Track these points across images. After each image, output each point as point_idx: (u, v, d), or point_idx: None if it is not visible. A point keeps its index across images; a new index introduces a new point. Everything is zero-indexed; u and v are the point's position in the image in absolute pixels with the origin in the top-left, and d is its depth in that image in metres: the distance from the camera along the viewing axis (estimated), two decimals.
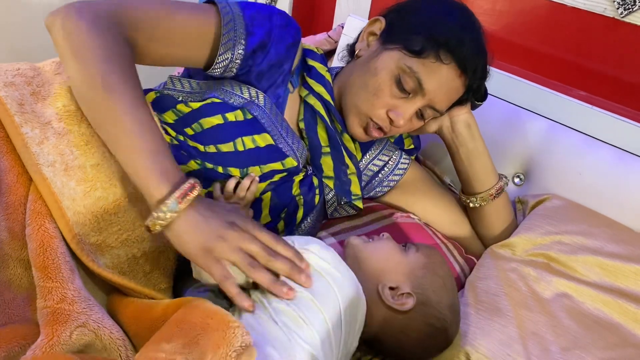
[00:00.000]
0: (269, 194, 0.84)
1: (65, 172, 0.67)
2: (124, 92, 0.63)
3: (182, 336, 0.54)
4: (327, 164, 0.90)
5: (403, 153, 1.04)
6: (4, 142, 0.67)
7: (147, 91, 0.87)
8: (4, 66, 0.75)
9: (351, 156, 0.93)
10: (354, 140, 0.94)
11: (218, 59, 0.78)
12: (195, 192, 0.61)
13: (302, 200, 0.89)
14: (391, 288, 0.70)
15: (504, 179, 0.97)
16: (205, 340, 0.53)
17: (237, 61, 0.79)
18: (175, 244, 0.62)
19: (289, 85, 0.88)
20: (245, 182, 0.80)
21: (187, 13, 0.75)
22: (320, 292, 0.61)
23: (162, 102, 0.84)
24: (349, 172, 0.93)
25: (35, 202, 0.65)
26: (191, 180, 0.62)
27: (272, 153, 0.84)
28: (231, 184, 0.79)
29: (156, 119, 0.80)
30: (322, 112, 0.87)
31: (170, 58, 0.78)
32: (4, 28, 1.50)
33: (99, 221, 0.68)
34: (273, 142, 0.83)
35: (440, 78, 0.81)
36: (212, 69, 0.79)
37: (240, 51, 0.78)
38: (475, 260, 0.97)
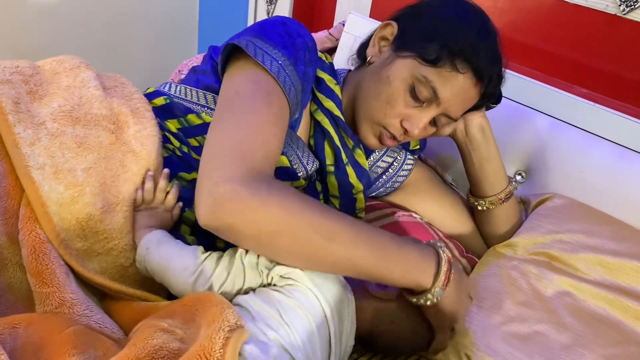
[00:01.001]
0: None
1: (54, 175, 0.65)
2: (351, 222, 0.64)
3: (183, 314, 0.57)
4: (332, 183, 0.88)
5: (408, 153, 1.03)
6: (0, 144, 0.65)
7: (154, 94, 0.83)
8: (2, 63, 0.73)
9: (362, 174, 0.90)
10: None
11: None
12: (452, 272, 0.66)
13: None
14: None
15: (513, 182, 0.96)
16: (202, 316, 0.55)
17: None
18: (434, 314, 0.68)
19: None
20: (162, 184, 0.73)
21: (274, 115, 0.69)
22: (304, 295, 0.62)
23: (171, 109, 0.80)
24: (354, 191, 0.89)
25: (26, 206, 0.64)
26: (445, 257, 0.66)
27: (284, 174, 0.80)
28: (150, 185, 0.72)
29: (154, 121, 0.76)
30: (330, 129, 0.84)
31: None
32: (4, 28, 1.50)
33: (84, 228, 0.66)
34: (289, 165, 0.80)
35: (456, 87, 0.79)
36: None
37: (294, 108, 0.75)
38: (476, 259, 0.97)
